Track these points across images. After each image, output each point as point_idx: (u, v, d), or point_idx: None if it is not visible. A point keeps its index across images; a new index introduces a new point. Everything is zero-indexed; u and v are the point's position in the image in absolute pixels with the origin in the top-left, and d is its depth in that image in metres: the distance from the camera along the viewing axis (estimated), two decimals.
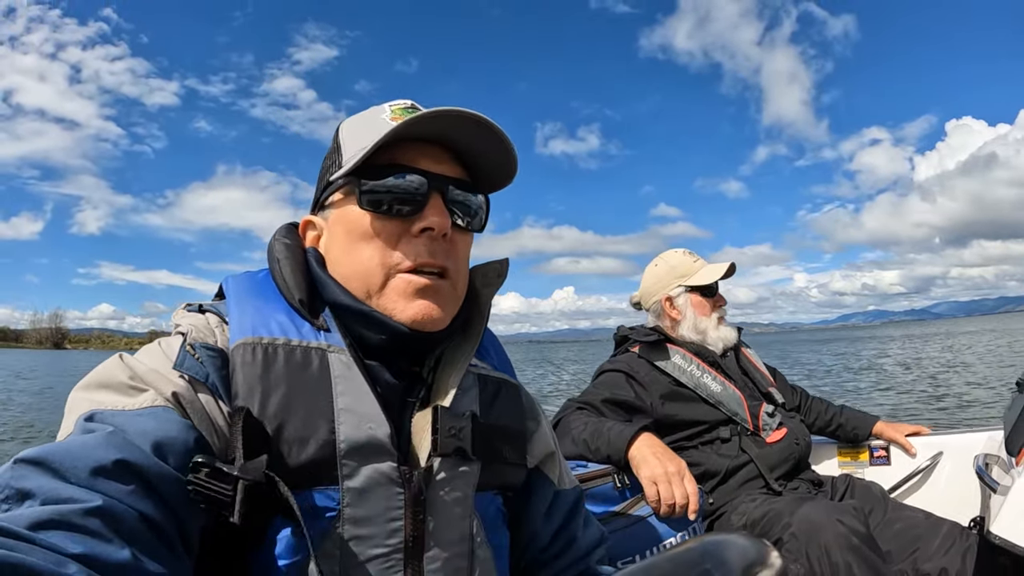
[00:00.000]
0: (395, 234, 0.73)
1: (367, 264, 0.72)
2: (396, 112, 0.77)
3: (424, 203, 0.73)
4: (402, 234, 0.73)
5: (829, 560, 1.35)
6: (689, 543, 0.37)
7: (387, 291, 0.72)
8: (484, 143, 0.74)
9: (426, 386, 0.76)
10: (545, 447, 0.89)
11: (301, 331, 0.70)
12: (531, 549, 0.87)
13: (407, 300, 0.72)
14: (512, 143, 0.74)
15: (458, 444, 0.71)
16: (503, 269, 0.86)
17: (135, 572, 0.49)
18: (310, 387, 0.67)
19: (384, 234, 0.73)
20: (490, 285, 0.84)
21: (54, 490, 0.50)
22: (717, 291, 2.02)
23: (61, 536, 0.47)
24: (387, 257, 0.72)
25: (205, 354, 0.67)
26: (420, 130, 0.72)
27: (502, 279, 0.85)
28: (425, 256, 0.72)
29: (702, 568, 0.34)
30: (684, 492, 1.39)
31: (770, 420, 1.85)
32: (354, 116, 0.81)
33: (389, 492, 0.67)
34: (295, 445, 0.64)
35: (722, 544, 0.37)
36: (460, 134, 0.73)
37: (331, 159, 0.79)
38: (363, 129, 0.76)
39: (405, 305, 0.72)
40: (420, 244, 0.72)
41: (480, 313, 0.83)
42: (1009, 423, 1.66)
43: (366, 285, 0.73)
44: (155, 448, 0.57)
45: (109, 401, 0.61)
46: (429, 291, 0.73)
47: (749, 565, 0.35)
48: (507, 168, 0.78)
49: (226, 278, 0.78)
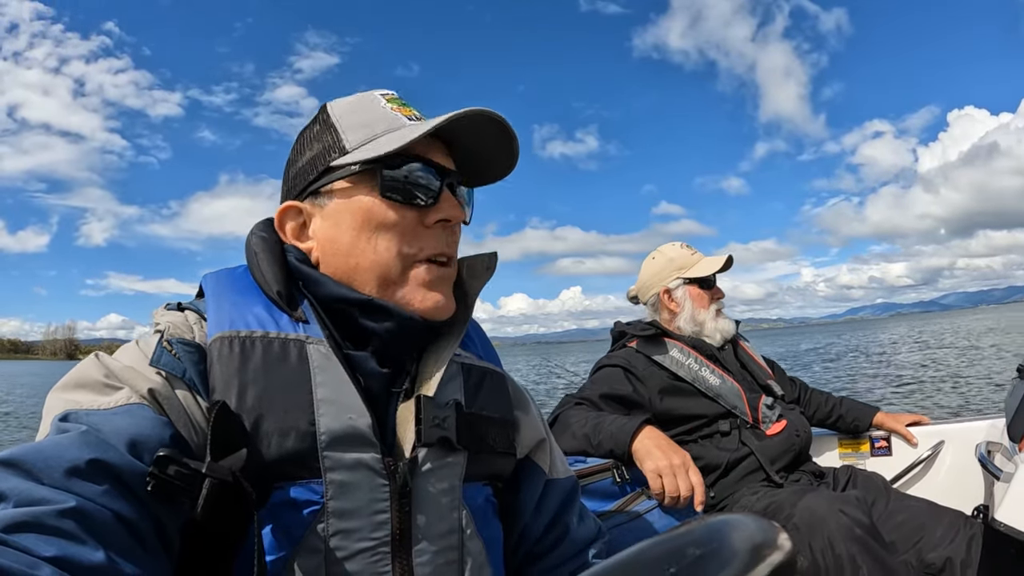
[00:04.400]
0: (412, 225, 0.74)
1: (384, 254, 0.73)
2: (392, 102, 0.78)
3: (438, 195, 0.74)
4: (418, 225, 0.74)
5: (833, 551, 1.34)
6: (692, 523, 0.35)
7: (406, 280, 0.74)
8: (487, 144, 0.77)
9: (410, 377, 0.75)
10: (535, 435, 0.88)
11: (279, 323, 0.70)
12: (525, 541, 0.86)
13: (426, 290, 0.74)
14: (518, 147, 0.78)
15: (442, 434, 0.71)
16: (492, 263, 0.85)
17: (110, 573, 0.49)
18: (289, 379, 0.66)
19: (403, 224, 0.73)
20: (477, 277, 0.84)
21: (27, 491, 0.49)
22: (715, 283, 2.02)
23: (34, 538, 0.46)
24: (405, 247, 0.73)
25: (182, 349, 0.66)
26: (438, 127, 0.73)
27: (490, 272, 0.85)
28: (443, 246, 0.75)
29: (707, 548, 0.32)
30: (689, 484, 1.38)
31: (769, 412, 1.84)
32: (342, 100, 0.80)
33: (373, 484, 0.66)
34: (275, 438, 0.63)
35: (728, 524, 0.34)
36: (467, 133, 0.75)
37: (323, 143, 0.76)
38: (365, 115, 0.76)
39: (424, 295, 0.74)
40: (434, 235, 0.75)
41: (465, 304, 0.83)
42: (1011, 409, 1.65)
43: (381, 275, 0.73)
44: (130, 446, 0.56)
45: (84, 400, 0.60)
46: (444, 282, 0.76)
47: (757, 547, 0.32)
48: (505, 169, 0.81)
49: (205, 276, 0.77)
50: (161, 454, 0.56)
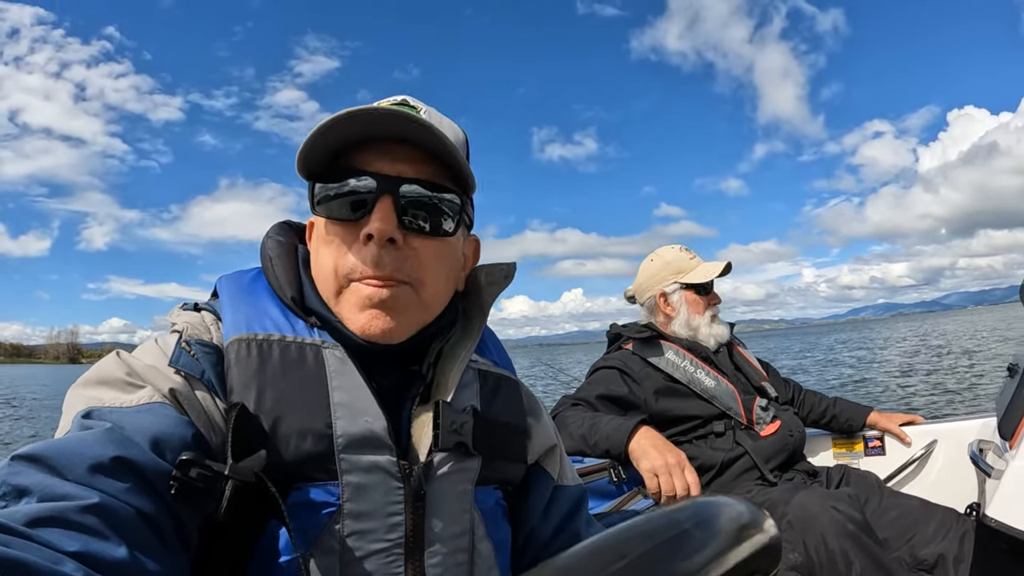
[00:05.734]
0: (348, 240, 0.70)
1: (325, 270, 0.71)
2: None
3: (372, 205, 0.69)
4: (355, 240, 0.69)
5: (826, 547, 1.36)
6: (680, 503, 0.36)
7: (341, 300, 0.71)
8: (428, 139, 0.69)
9: (425, 382, 0.75)
10: (546, 441, 0.88)
11: (295, 327, 0.70)
12: (532, 545, 0.86)
13: (358, 311, 0.69)
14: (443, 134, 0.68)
15: (459, 439, 0.71)
16: (510, 272, 0.84)
17: (132, 569, 0.49)
18: (305, 382, 0.66)
19: (336, 240, 0.70)
20: (495, 284, 0.83)
21: (51, 487, 0.49)
22: (712, 289, 2.02)
23: (58, 533, 0.46)
24: (340, 264, 0.70)
25: (200, 350, 0.67)
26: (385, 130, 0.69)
27: (508, 280, 0.84)
28: (368, 265, 0.68)
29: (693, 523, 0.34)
30: (685, 483, 1.39)
31: (764, 414, 1.86)
32: None
33: (388, 487, 0.66)
34: (292, 440, 0.64)
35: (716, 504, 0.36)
36: (412, 132, 0.69)
37: None
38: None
39: (356, 316, 0.69)
40: (367, 251, 0.68)
41: (481, 309, 0.83)
42: (1002, 407, 1.67)
43: (327, 291, 0.72)
44: (153, 444, 0.57)
45: (107, 398, 0.60)
46: (381, 302, 0.69)
47: (742, 527, 0.34)
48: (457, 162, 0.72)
49: (220, 278, 0.77)
50: (184, 457, 0.56)
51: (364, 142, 0.70)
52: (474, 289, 0.83)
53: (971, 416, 2.19)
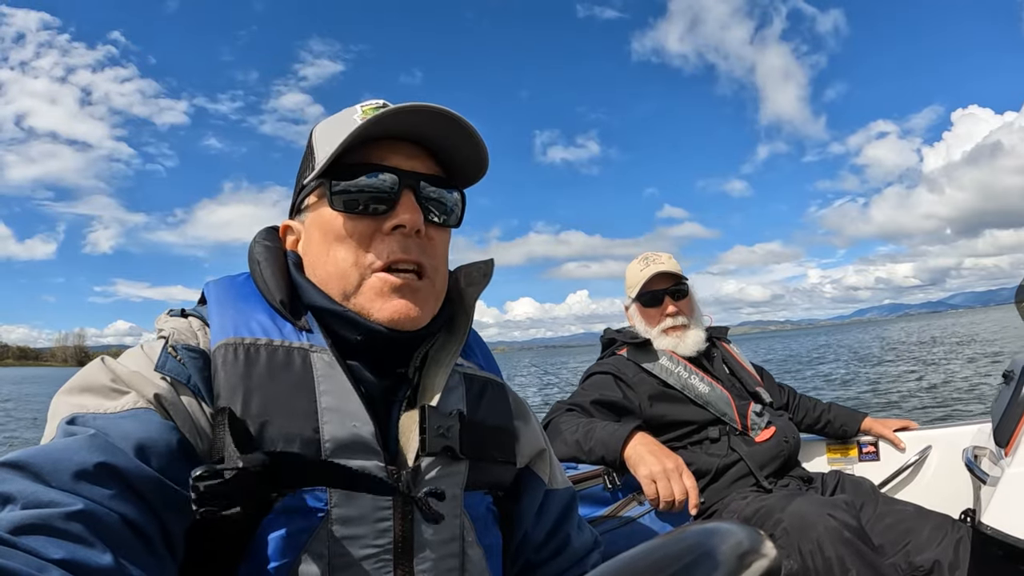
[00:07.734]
0: (368, 233, 0.73)
1: (342, 265, 0.73)
2: (367, 112, 0.76)
3: (396, 200, 0.73)
4: (375, 233, 0.73)
5: (822, 555, 1.35)
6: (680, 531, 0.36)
7: (363, 291, 0.72)
8: (453, 137, 0.74)
9: (411, 386, 0.75)
10: (535, 445, 0.88)
11: (283, 331, 0.70)
12: (525, 550, 0.86)
13: (384, 299, 0.72)
14: (479, 135, 0.74)
15: (446, 443, 0.71)
16: (488, 269, 0.85)
17: None
18: (293, 386, 0.66)
19: (357, 234, 0.72)
20: (474, 284, 0.84)
21: (35, 494, 0.49)
22: (663, 299, 1.98)
23: (42, 540, 0.46)
24: (361, 257, 0.72)
25: (187, 356, 0.67)
26: (388, 128, 0.72)
27: (487, 279, 0.85)
28: (398, 252, 0.72)
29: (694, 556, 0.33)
30: (683, 488, 1.38)
31: (758, 419, 1.86)
32: (327, 118, 0.82)
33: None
34: (279, 444, 0.63)
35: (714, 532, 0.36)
36: (429, 129, 0.74)
37: (306, 163, 0.80)
38: (334, 131, 0.76)
39: (382, 305, 0.72)
40: (393, 242, 0.72)
41: (465, 312, 0.83)
42: (997, 414, 1.67)
43: (343, 286, 0.73)
44: (137, 450, 0.56)
45: (91, 404, 0.60)
46: (406, 289, 0.72)
47: (743, 555, 0.34)
48: (478, 161, 0.78)
49: (207, 283, 0.78)
50: (198, 472, 0.56)
51: (366, 140, 0.73)
52: (455, 291, 0.83)
53: (966, 422, 2.19)
